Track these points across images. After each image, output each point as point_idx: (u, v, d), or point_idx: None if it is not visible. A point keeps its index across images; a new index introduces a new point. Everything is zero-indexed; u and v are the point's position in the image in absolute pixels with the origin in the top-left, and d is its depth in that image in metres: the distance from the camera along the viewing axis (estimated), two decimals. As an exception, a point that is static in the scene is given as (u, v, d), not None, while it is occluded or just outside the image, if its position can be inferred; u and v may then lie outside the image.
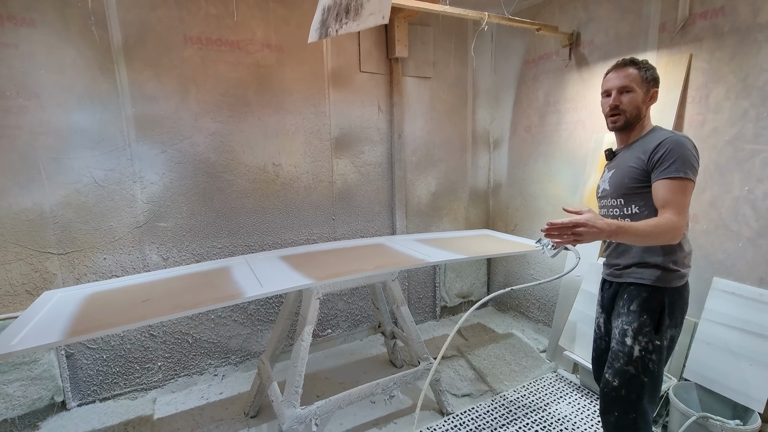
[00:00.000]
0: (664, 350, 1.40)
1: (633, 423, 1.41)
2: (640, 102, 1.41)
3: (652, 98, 1.43)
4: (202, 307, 1.50)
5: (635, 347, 1.39)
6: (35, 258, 2.09)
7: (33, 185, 2.04)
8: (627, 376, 1.41)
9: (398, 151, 3.01)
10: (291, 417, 1.73)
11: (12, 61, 1.93)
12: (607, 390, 1.46)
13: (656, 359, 1.39)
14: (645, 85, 1.41)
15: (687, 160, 1.28)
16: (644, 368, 1.39)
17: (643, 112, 1.43)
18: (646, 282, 1.40)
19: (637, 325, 1.40)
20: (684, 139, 1.32)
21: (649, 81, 1.42)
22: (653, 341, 1.38)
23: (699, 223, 2.09)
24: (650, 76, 1.42)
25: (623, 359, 1.41)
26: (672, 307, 1.39)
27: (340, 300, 2.97)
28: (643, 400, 1.40)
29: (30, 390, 2.07)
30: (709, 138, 2.02)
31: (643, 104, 1.42)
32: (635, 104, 1.41)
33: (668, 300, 1.39)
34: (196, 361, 2.53)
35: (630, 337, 1.41)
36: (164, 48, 2.23)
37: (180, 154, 2.34)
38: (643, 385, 1.39)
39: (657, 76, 1.44)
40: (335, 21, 1.23)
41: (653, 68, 1.44)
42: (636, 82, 1.41)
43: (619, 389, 1.42)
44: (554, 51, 2.81)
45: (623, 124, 1.44)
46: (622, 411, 1.42)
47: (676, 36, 2.11)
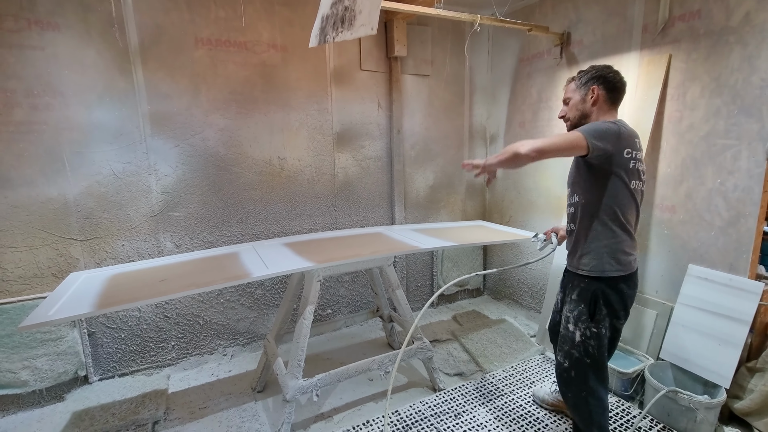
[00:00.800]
0: (602, 337, 1.53)
1: (585, 401, 1.57)
2: (578, 103, 1.60)
3: (594, 97, 1.56)
4: (214, 285, 1.67)
5: (576, 333, 1.56)
6: (60, 244, 2.27)
7: (58, 177, 2.21)
8: (573, 358, 1.58)
9: (397, 145, 3.16)
10: (294, 387, 1.90)
11: (39, 62, 2.10)
12: (560, 371, 1.65)
13: (595, 344, 1.52)
14: (582, 89, 1.59)
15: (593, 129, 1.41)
16: (585, 351, 1.54)
17: (588, 111, 1.59)
18: (583, 272, 1.54)
19: (576, 313, 1.56)
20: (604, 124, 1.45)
21: (585, 83, 1.59)
22: (590, 328, 1.53)
23: (676, 213, 2.22)
24: (585, 79, 1.59)
25: (569, 343, 1.59)
26: (606, 297, 1.51)
27: (342, 287, 3.14)
28: (590, 380, 1.56)
29: (56, 364, 2.26)
30: (686, 133, 2.15)
31: (582, 103, 1.59)
32: (575, 107, 1.61)
33: (602, 291, 1.50)
34: (207, 342, 2.72)
35: (572, 323, 1.57)
36: (177, 49, 2.39)
37: (192, 148, 2.51)
38: (587, 366, 1.55)
39: (597, 76, 1.57)
40: (332, 29, 1.38)
41: (592, 70, 1.59)
42: (572, 92, 1.63)
43: (569, 370, 1.59)
44: (546, 50, 2.94)
45: (570, 127, 1.64)
46: (574, 390, 1.60)
47: (657, 37, 2.23)
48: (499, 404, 2.19)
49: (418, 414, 2.11)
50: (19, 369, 2.16)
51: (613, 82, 1.57)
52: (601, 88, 1.56)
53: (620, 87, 1.59)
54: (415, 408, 2.16)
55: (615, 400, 2.19)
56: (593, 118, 1.58)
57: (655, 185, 2.31)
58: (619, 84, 1.58)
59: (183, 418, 2.14)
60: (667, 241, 2.28)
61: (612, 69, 1.59)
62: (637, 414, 2.08)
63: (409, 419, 2.07)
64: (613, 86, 1.57)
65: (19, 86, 2.07)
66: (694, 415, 1.88)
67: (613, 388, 2.24)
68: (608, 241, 1.49)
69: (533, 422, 2.05)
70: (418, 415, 2.11)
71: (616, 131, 1.42)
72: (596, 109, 1.57)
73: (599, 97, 1.56)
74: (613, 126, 1.44)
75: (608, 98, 1.57)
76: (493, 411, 2.14)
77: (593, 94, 1.56)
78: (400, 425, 2.03)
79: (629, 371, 2.15)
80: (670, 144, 2.23)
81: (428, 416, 2.09)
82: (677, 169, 2.20)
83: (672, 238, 2.26)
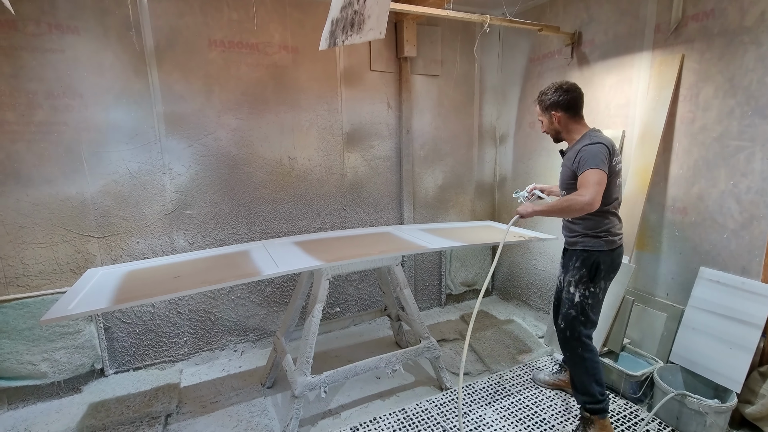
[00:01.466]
0: (596, 296, 1.86)
1: (581, 357, 1.88)
2: (548, 124, 1.91)
3: (557, 119, 1.85)
4: (225, 282, 1.72)
5: (576, 294, 1.87)
6: (78, 240, 2.35)
7: (77, 175, 2.29)
8: (569, 318, 1.89)
9: (406, 145, 3.17)
10: (302, 384, 1.93)
11: (59, 64, 2.17)
12: (559, 335, 1.95)
13: (591, 302, 1.85)
14: (546, 114, 1.89)
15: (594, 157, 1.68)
16: (582, 310, 1.86)
17: (560, 128, 1.88)
18: (586, 248, 1.85)
19: (578, 276, 1.87)
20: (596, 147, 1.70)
21: (546, 109, 1.87)
22: (588, 288, 1.85)
23: (688, 215, 2.19)
24: (545, 106, 1.88)
25: (567, 304, 1.90)
26: (604, 263, 1.84)
27: (350, 285, 3.17)
28: (581, 335, 1.87)
29: (74, 357, 2.33)
30: (698, 135, 2.12)
31: (551, 125, 1.89)
32: (549, 128, 1.92)
33: (601, 259, 1.83)
34: (218, 338, 2.78)
35: (573, 286, 1.89)
36: (191, 51, 2.44)
37: (204, 148, 2.56)
38: (579, 323, 1.86)
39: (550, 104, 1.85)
40: (342, 33, 1.40)
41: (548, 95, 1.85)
42: (540, 115, 1.93)
43: (565, 330, 1.91)
44: (557, 50, 2.92)
45: (554, 140, 1.97)
46: (571, 348, 1.90)
47: (670, 37, 2.20)
48: (505, 404, 2.20)
49: (424, 412, 2.13)
50: (38, 361, 2.24)
51: (567, 103, 1.83)
52: (560, 111, 1.84)
53: (575, 103, 1.84)
54: (422, 406, 2.18)
55: (623, 403, 2.18)
56: (565, 131, 1.88)
57: (667, 187, 2.28)
58: (574, 101, 1.83)
59: (194, 412, 2.19)
60: (678, 243, 2.26)
61: (563, 90, 1.83)
62: (645, 417, 2.07)
63: (415, 417, 2.09)
64: (569, 106, 1.83)
65: (41, 88, 2.15)
66: (703, 419, 1.86)
67: (621, 390, 2.23)
68: (603, 227, 1.83)
69: (540, 423, 2.05)
70: (424, 413, 2.13)
71: (606, 152, 1.71)
72: (563, 126, 1.87)
73: (561, 118, 1.85)
74: (602, 148, 1.71)
75: (569, 115, 1.85)
76: (499, 411, 2.14)
77: (556, 119, 1.86)
78: (406, 423, 2.05)
79: (638, 374, 2.14)
80: (682, 145, 2.20)
81: (434, 415, 2.11)
82: (689, 170, 2.17)
83: (683, 240, 2.23)
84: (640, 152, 2.35)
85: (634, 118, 2.43)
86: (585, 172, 1.68)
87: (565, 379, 2.30)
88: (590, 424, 1.90)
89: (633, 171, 2.38)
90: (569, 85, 1.84)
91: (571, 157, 1.79)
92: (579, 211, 1.65)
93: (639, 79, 2.39)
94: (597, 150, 1.69)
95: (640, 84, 2.39)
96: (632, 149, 2.42)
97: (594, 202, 1.61)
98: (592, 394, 1.86)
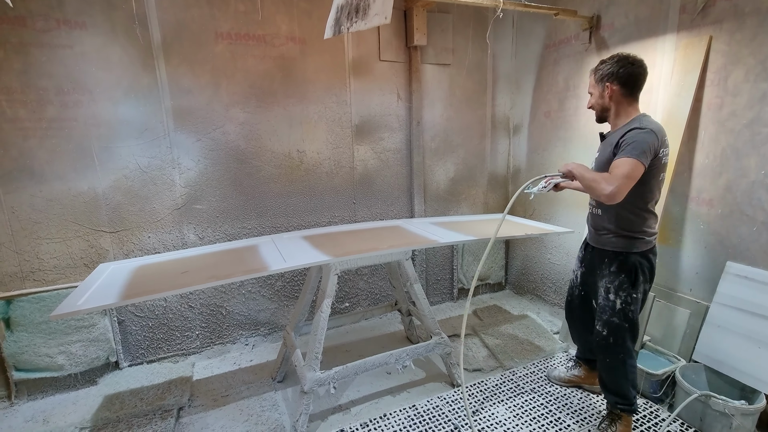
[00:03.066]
0: (639, 301, 1.75)
1: (623, 362, 1.79)
2: (598, 98, 1.74)
3: (609, 93, 1.68)
4: (233, 277, 1.70)
5: (617, 301, 1.75)
6: (91, 235, 2.37)
7: (88, 171, 2.30)
8: (613, 325, 1.77)
9: (417, 137, 3.10)
10: (311, 379, 1.92)
11: (68, 60, 2.17)
12: (599, 339, 1.84)
13: (634, 309, 1.74)
14: (599, 85, 1.71)
15: (639, 146, 1.52)
16: (625, 317, 1.75)
17: (607, 105, 1.72)
18: (621, 250, 1.73)
19: (617, 283, 1.75)
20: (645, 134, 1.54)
21: (602, 79, 1.69)
22: (631, 295, 1.73)
23: (714, 207, 2.08)
24: (600, 76, 1.70)
25: (608, 312, 1.78)
26: (643, 267, 1.72)
27: (361, 279, 3.14)
28: (627, 343, 1.78)
29: (89, 350, 2.37)
30: (726, 121, 2.00)
31: (601, 99, 1.72)
32: (596, 102, 1.75)
33: (639, 261, 1.71)
34: (229, 331, 2.79)
35: (612, 293, 1.76)
36: (198, 44, 2.42)
37: (213, 142, 2.55)
38: (625, 331, 1.76)
39: (609, 72, 1.66)
40: (347, 19, 1.35)
41: (605, 66, 1.68)
42: (592, 86, 1.76)
43: (608, 337, 1.79)
44: (574, 35, 2.80)
45: (597, 118, 1.80)
46: (613, 355, 1.80)
47: (697, 18, 2.07)
48: (518, 402, 2.14)
49: (435, 409, 2.10)
50: (55, 354, 2.28)
51: (627, 77, 1.64)
52: (616, 83, 1.66)
53: (636, 80, 1.65)
54: (433, 403, 2.14)
55: (643, 402, 2.10)
56: (613, 111, 1.72)
57: (691, 177, 2.17)
58: (635, 77, 1.65)
59: (206, 405, 2.21)
60: (703, 236, 2.15)
61: (627, 61, 1.64)
62: (666, 417, 1.99)
63: (426, 414, 2.06)
64: (627, 80, 1.64)
65: (51, 84, 2.15)
66: (729, 421, 1.77)
67: (640, 389, 2.15)
68: (639, 225, 1.69)
69: (554, 422, 2.00)
70: (435, 410, 2.09)
71: (655, 141, 1.55)
72: (614, 104, 1.70)
73: (614, 92, 1.67)
74: (652, 137, 1.54)
75: (624, 92, 1.66)
76: (512, 409, 2.09)
77: (609, 91, 1.68)
78: (417, 420, 2.02)
79: (659, 372, 2.05)
80: (708, 133, 2.08)
81: (446, 412, 2.07)
82: (716, 159, 2.06)
83: (708, 234, 2.12)
84: (662, 141, 2.23)
85: (656, 105, 2.31)
86: (622, 158, 1.52)
87: (581, 375, 2.23)
88: (618, 420, 1.87)
89: (655, 161, 2.26)
90: (634, 58, 1.64)
91: (614, 141, 1.63)
92: (597, 197, 1.55)
93: (662, 63, 2.27)
94: (644, 137, 1.53)
95: (663, 69, 2.27)
96: (654, 138, 2.30)
97: (616, 196, 1.48)
98: (626, 396, 1.82)
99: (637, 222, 1.69)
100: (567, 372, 2.28)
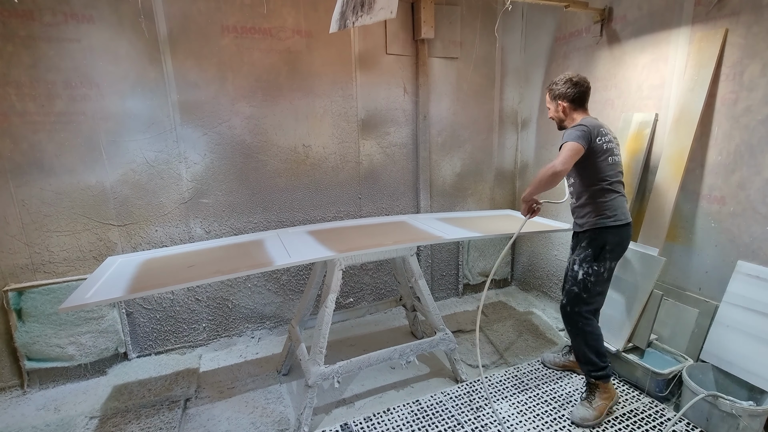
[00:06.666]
0: (600, 275, 1.94)
1: (582, 330, 1.99)
2: (554, 112, 2.05)
3: (563, 108, 2.00)
4: (238, 272, 1.71)
5: (579, 271, 1.96)
6: (99, 229, 2.40)
7: (96, 165, 2.32)
8: (572, 294, 1.99)
9: (423, 132, 3.08)
10: (316, 373, 1.93)
11: (76, 54, 2.18)
12: (561, 308, 2.06)
13: (594, 281, 1.94)
14: (554, 102, 2.03)
15: (570, 134, 1.83)
16: (585, 287, 1.95)
17: (562, 116, 2.02)
18: (593, 227, 1.94)
19: (583, 255, 1.96)
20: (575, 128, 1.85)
21: (555, 98, 2.01)
22: (592, 266, 1.93)
23: (726, 205, 2.04)
24: (553, 95, 2.01)
25: (571, 281, 2.01)
26: (611, 243, 1.92)
27: (366, 274, 3.15)
28: (583, 311, 1.97)
29: (98, 341, 2.41)
30: (741, 117, 1.95)
31: (557, 113, 2.03)
32: (554, 115, 2.06)
33: (607, 238, 1.92)
34: (236, 324, 2.82)
35: (577, 264, 1.98)
36: (204, 38, 2.41)
37: (219, 136, 2.56)
38: (582, 300, 1.96)
39: (558, 95, 1.99)
40: (352, 13, 1.33)
41: (557, 86, 1.99)
42: (548, 102, 2.06)
43: (566, 306, 2.02)
44: (585, 27, 2.74)
45: (558, 127, 2.08)
46: (573, 322, 2.01)
47: (712, 10, 2.01)
48: (522, 399, 2.14)
49: (439, 404, 2.10)
50: (66, 344, 2.32)
51: (573, 95, 1.96)
52: (565, 101, 1.98)
53: (581, 96, 1.97)
54: (437, 398, 2.15)
55: (648, 401, 2.08)
56: (568, 120, 2.01)
57: (703, 174, 2.12)
58: (580, 95, 1.97)
59: (212, 397, 2.24)
60: (713, 234, 2.11)
61: (572, 83, 1.95)
62: (672, 416, 1.97)
63: (429, 409, 2.07)
64: (574, 98, 1.97)
65: (59, 78, 2.17)
66: (736, 422, 1.75)
67: (646, 388, 2.13)
68: (603, 202, 1.92)
69: (558, 419, 1.99)
70: (438, 405, 2.10)
71: (585, 129, 1.84)
72: (566, 115, 2.01)
73: (565, 108, 2.00)
74: (581, 127, 1.85)
75: (572, 106, 1.99)
76: (516, 405, 2.09)
77: (561, 107, 2.01)
78: (420, 415, 2.03)
79: (665, 371, 2.04)
80: (722, 129, 2.03)
81: (449, 407, 2.08)
82: (729, 156, 2.01)
83: (720, 232, 2.08)
84: (674, 137, 2.19)
85: (668, 99, 2.26)
86: (562, 146, 1.84)
87: (575, 361, 2.25)
88: (596, 389, 2.00)
89: (666, 157, 2.22)
90: (579, 78, 1.96)
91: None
92: (552, 176, 1.75)
93: (675, 57, 2.21)
94: (573, 130, 1.85)
95: (676, 63, 2.21)
96: (665, 134, 2.25)
97: (563, 166, 1.74)
98: (593, 362, 1.98)
99: (599, 199, 1.91)
100: (561, 357, 2.40)
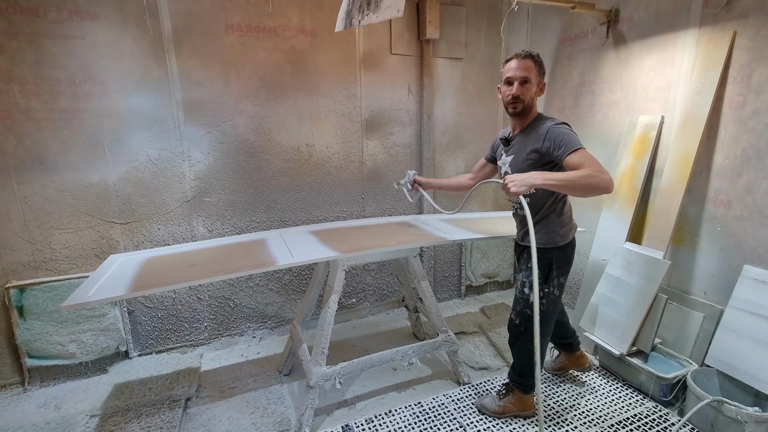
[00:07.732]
0: (553, 294, 1.82)
1: (529, 350, 1.86)
2: (534, 93, 1.68)
3: (542, 90, 1.71)
4: (240, 272, 1.70)
5: (531, 295, 1.82)
6: (102, 227, 2.39)
7: (99, 162, 2.32)
8: (525, 316, 1.86)
9: (427, 132, 3.07)
10: (317, 374, 1.92)
11: (80, 51, 2.18)
12: (511, 327, 1.94)
13: (546, 302, 1.82)
14: (539, 78, 1.67)
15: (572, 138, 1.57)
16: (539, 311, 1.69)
17: (534, 102, 1.71)
18: (538, 246, 1.75)
19: (532, 278, 1.75)
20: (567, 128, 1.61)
21: (542, 74, 1.69)
22: (543, 290, 1.80)
23: (732, 208, 2.02)
24: (543, 70, 1.70)
25: (522, 304, 1.87)
26: (559, 262, 1.79)
27: (368, 275, 3.14)
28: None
29: (100, 339, 2.41)
30: (749, 120, 1.93)
31: (535, 95, 1.69)
32: (531, 94, 1.67)
33: (555, 258, 1.78)
34: (237, 324, 2.81)
35: (528, 287, 1.84)
36: (208, 36, 2.40)
37: (222, 135, 2.55)
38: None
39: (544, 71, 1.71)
40: (358, 12, 1.32)
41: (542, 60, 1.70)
42: (533, 75, 1.65)
43: (520, 326, 1.89)
44: (591, 29, 2.72)
45: (521, 111, 1.70)
46: (523, 342, 1.90)
47: (720, 12, 2.00)
48: (525, 402, 2.12)
49: (441, 407, 2.09)
50: (67, 342, 2.32)
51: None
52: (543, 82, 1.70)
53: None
54: (438, 401, 2.13)
55: (652, 406, 2.07)
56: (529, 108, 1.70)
57: (709, 177, 2.11)
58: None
59: (213, 397, 2.23)
60: (719, 238, 2.09)
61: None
62: (676, 421, 1.96)
63: (431, 411, 2.05)
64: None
65: (63, 75, 2.16)
66: (741, 428, 1.73)
67: (650, 393, 2.11)
68: (557, 220, 1.77)
69: (561, 423, 1.98)
70: (440, 408, 2.08)
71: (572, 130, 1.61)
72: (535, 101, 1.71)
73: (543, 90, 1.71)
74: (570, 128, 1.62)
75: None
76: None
77: (540, 88, 1.70)
78: (422, 417, 2.02)
79: (669, 376, 2.02)
80: (729, 132, 2.01)
81: (451, 410, 2.07)
82: (736, 159, 1.99)
83: (726, 236, 2.06)
84: (680, 140, 2.17)
85: (675, 102, 2.25)
86: (578, 151, 1.51)
87: (565, 361, 2.31)
88: (511, 392, 1.99)
89: (671, 161, 2.21)
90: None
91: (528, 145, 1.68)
92: (605, 190, 1.47)
93: (682, 59, 2.20)
94: (566, 129, 1.61)
95: (683, 65, 2.20)
96: (671, 137, 2.24)
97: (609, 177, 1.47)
98: (525, 375, 1.94)
99: (555, 216, 1.76)
100: (553, 361, 2.36)
